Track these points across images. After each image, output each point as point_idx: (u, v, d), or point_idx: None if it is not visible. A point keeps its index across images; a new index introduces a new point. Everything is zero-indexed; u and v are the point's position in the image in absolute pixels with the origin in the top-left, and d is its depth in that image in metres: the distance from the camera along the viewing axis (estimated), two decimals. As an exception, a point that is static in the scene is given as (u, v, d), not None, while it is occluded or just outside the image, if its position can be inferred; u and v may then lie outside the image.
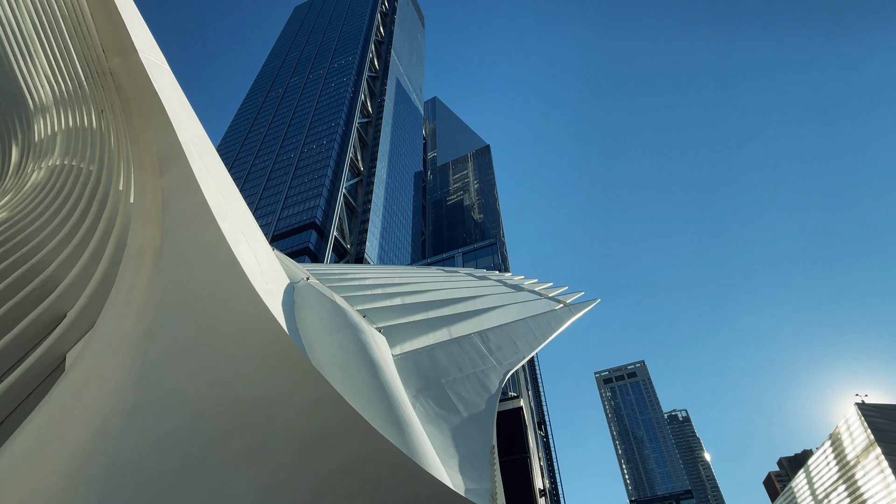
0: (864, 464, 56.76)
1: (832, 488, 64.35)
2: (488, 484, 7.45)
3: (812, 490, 70.49)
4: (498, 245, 75.47)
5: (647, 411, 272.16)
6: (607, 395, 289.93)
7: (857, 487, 58.49)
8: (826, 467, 66.31)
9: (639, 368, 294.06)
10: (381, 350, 8.88)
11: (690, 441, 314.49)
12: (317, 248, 73.31)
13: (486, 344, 13.53)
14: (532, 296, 25.05)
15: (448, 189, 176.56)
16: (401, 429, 5.83)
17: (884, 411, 57.08)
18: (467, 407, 10.18)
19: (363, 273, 19.05)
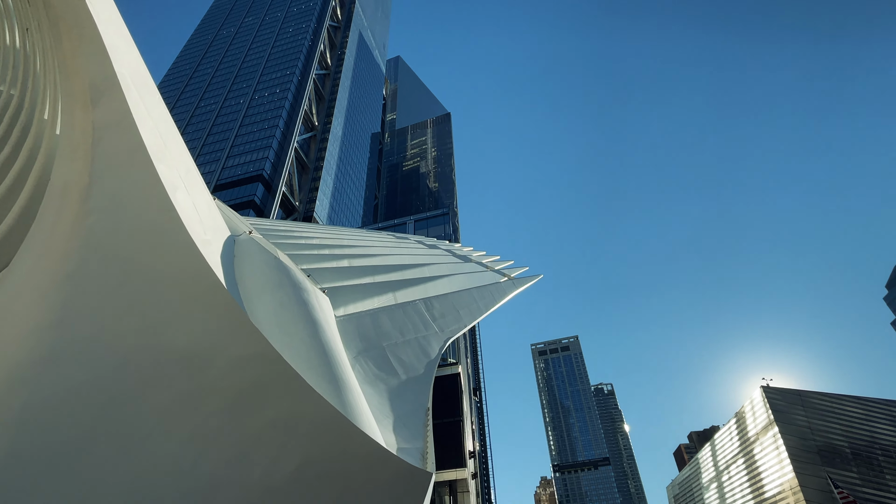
0: (762, 440, 63.03)
1: (733, 461, 71.22)
2: (420, 444, 7.67)
3: (715, 462, 77.76)
4: (450, 215, 75.70)
5: (576, 383, 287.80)
6: (541, 366, 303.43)
7: (754, 461, 65.07)
8: (729, 442, 73.12)
9: (572, 343, 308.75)
10: (324, 310, 8.79)
11: (612, 413, 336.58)
12: (263, 202, 70.61)
13: (431, 311, 13.70)
14: (479, 268, 25.47)
15: (405, 154, 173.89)
16: (337, 388, 5.84)
17: (784, 394, 63.31)
18: (406, 370, 10.35)
19: (311, 232, 18.60)
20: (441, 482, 23.40)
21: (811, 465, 55.41)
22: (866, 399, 63.91)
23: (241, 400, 4.56)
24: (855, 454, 57.59)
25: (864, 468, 56.25)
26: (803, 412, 61.60)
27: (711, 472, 79.24)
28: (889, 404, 63.15)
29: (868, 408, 62.61)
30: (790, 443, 58.11)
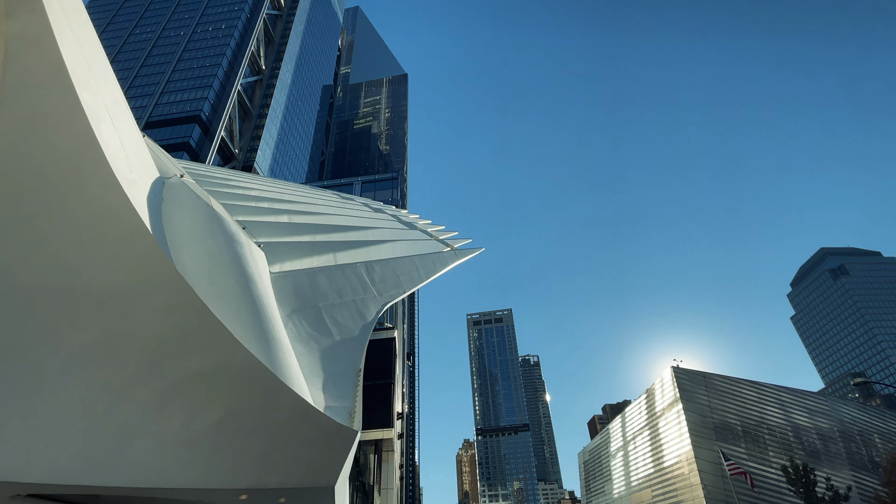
0: (667, 415, 68.87)
1: (639, 432, 77.52)
2: (349, 403, 7.76)
3: (624, 432, 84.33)
4: (399, 180, 74.60)
5: (506, 353, 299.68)
6: (474, 335, 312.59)
7: (658, 433, 71.17)
8: (638, 415, 79.35)
9: (505, 315, 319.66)
10: (258, 265, 8.51)
11: (536, 383, 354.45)
12: (198, 146, 66.24)
13: (371, 275, 13.64)
14: (423, 236, 25.52)
15: (357, 112, 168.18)
16: (267, 344, 5.75)
17: (690, 375, 69.23)
18: (341, 332, 10.32)
19: (249, 183, 17.76)
20: (367, 441, 23.87)
21: (706, 439, 61.44)
22: (760, 384, 71.18)
23: (163, 349, 4.39)
24: (745, 431, 64.39)
25: (751, 444, 63.11)
26: (705, 392, 67.75)
27: (619, 442, 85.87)
28: (779, 389, 70.71)
29: (761, 391, 69.84)
30: (691, 419, 63.90)
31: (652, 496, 69.26)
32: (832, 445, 65.94)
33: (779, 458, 56.99)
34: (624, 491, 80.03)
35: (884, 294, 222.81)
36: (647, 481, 71.96)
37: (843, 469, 62.04)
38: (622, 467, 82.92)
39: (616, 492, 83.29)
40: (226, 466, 5.15)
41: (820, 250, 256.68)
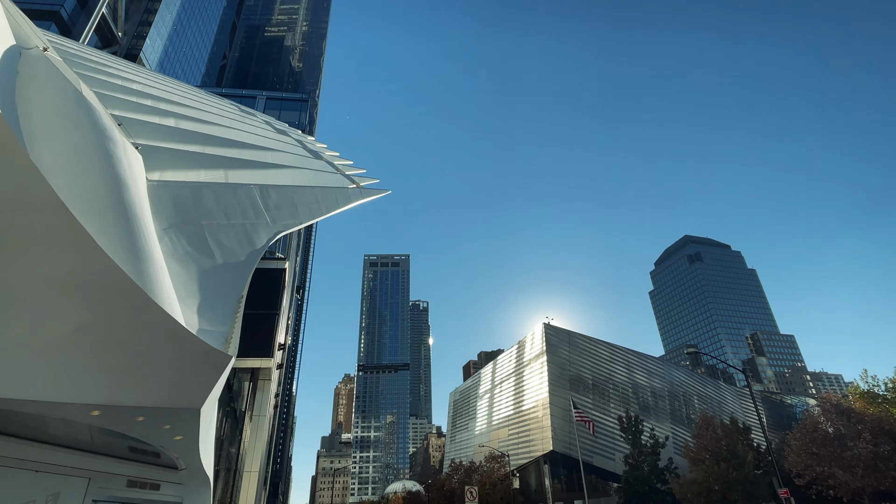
0: (532, 366, 75.98)
1: (507, 378, 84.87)
2: (226, 329, 7.50)
3: (493, 377, 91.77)
4: (310, 104, 69.74)
5: (398, 297, 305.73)
6: (369, 276, 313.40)
7: (522, 381, 78.52)
8: (508, 363, 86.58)
9: (403, 260, 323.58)
10: (132, 168, 7.63)
11: (422, 327, 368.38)
12: (72, 20, 55.87)
13: (265, 199, 12.90)
14: (328, 167, 24.49)
15: (271, 17, 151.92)
16: (135, 255, 5.27)
17: (558, 332, 76.64)
18: (225, 255, 9.77)
19: (132, 74, 15.49)
20: (244, 368, 23.38)
21: (562, 388, 69.18)
22: (614, 346, 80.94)
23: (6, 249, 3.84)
24: (594, 385, 73.44)
25: (597, 396, 72.31)
26: (568, 348, 75.56)
27: (488, 385, 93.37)
28: (628, 352, 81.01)
29: (613, 352, 79.55)
30: (552, 370, 71.18)
31: (508, 434, 77.09)
32: (661, 402, 77.86)
33: (617, 409, 66.13)
34: (485, 428, 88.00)
35: (725, 282, 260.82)
36: (507, 421, 79.75)
37: (665, 422, 73.86)
38: (487, 408, 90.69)
39: (478, 429, 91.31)
40: (76, 380, 4.78)
41: (684, 237, 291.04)
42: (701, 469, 38.57)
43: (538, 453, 66.86)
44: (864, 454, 28.47)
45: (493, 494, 59.27)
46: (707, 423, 41.56)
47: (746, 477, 36.74)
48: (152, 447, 7.42)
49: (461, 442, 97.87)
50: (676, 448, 59.98)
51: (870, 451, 28.37)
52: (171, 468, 10.20)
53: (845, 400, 35.24)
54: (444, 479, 75.48)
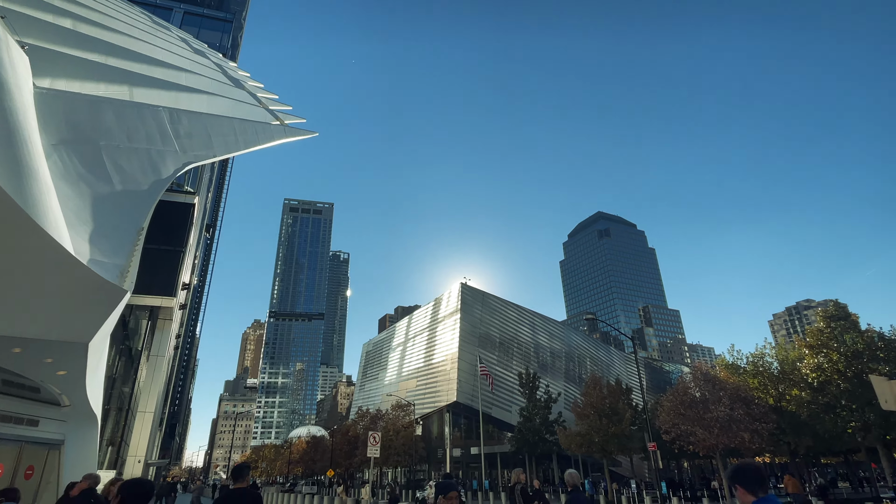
0: (446, 322, 78.49)
1: (420, 333, 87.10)
2: (122, 261, 6.96)
3: (407, 331, 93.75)
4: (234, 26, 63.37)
5: (318, 246, 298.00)
6: (289, 221, 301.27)
7: (435, 336, 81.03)
8: (423, 318, 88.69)
9: (326, 208, 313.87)
10: (16, 70, 6.63)
11: (341, 278, 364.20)
12: None
13: (176, 125, 11.82)
14: (250, 99, 22.77)
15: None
16: (17, 171, 4.65)
17: (473, 292, 79.44)
18: (125, 181, 8.93)
19: (17, -44, 13.16)
20: (142, 306, 21.91)
21: (471, 345, 72.46)
22: (523, 308, 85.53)
23: None
24: (501, 343, 77.60)
25: (502, 354, 76.59)
26: (481, 307, 78.75)
27: (402, 338, 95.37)
28: (534, 315, 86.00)
29: (521, 313, 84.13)
30: (464, 327, 74.05)
31: (416, 385, 79.91)
32: (558, 362, 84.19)
33: (519, 367, 70.62)
34: (395, 379, 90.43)
35: (628, 258, 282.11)
36: (416, 373, 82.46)
37: (559, 380, 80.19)
38: (398, 359, 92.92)
39: (388, 379, 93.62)
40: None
41: (597, 213, 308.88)
42: (585, 423, 42.70)
43: (443, 404, 70.19)
44: (721, 416, 32.96)
45: (395, 440, 61.70)
46: (595, 383, 45.74)
47: (623, 432, 41.32)
48: (31, 381, 6.87)
49: (370, 391, 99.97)
50: (567, 404, 65.57)
51: (726, 414, 32.90)
52: (53, 404, 9.54)
53: (713, 370, 40.28)
54: (349, 426, 77.13)
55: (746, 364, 38.63)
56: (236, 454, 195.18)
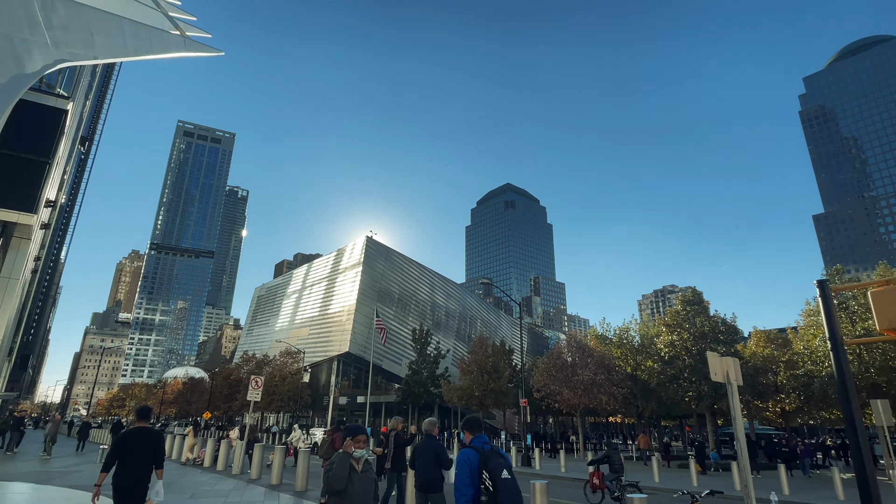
0: (347, 274, 77.71)
1: (319, 282, 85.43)
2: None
3: (305, 279, 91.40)
4: None
5: (213, 178, 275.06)
6: (181, 146, 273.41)
7: (334, 286, 79.97)
8: (324, 267, 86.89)
9: (226, 138, 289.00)
10: None
11: (237, 216, 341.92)
12: None
13: (48, 13, 10.15)
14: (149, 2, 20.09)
15: None
16: None
17: (378, 247, 79.25)
18: (-23, 68, 7.64)
19: None
20: (-10, 218, 19.01)
21: (370, 298, 72.75)
22: (425, 267, 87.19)
23: None
24: (399, 299, 78.83)
25: (399, 309, 77.97)
26: (384, 262, 78.96)
27: (298, 286, 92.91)
28: (434, 274, 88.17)
29: (422, 272, 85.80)
30: (364, 280, 73.95)
31: (308, 334, 78.96)
32: (451, 321, 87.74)
33: (414, 323, 72.57)
34: (287, 326, 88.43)
35: (528, 230, 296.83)
36: (310, 322, 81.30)
37: (450, 338, 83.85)
38: (293, 307, 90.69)
39: (279, 325, 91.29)
40: None
41: (506, 184, 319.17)
42: (468, 378, 45.51)
43: (334, 353, 70.34)
44: (585, 380, 36.87)
45: (281, 386, 61.01)
46: (482, 343, 48.63)
47: (501, 388, 44.71)
48: None
49: (259, 336, 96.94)
50: (454, 360, 69.04)
51: (590, 378, 36.86)
52: None
53: (585, 338, 44.58)
54: (232, 369, 74.59)
55: (613, 336, 43.28)
56: (101, 391, 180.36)
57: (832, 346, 6.96)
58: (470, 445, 4.41)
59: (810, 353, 31.74)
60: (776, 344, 41.09)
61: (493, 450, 4.39)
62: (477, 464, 4.23)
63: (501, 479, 4.11)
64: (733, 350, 33.98)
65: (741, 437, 8.51)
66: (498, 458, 4.29)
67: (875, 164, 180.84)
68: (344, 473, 4.44)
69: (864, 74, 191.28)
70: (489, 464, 4.20)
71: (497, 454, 4.31)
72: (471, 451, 4.32)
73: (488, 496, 4.07)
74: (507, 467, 4.28)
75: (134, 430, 6.71)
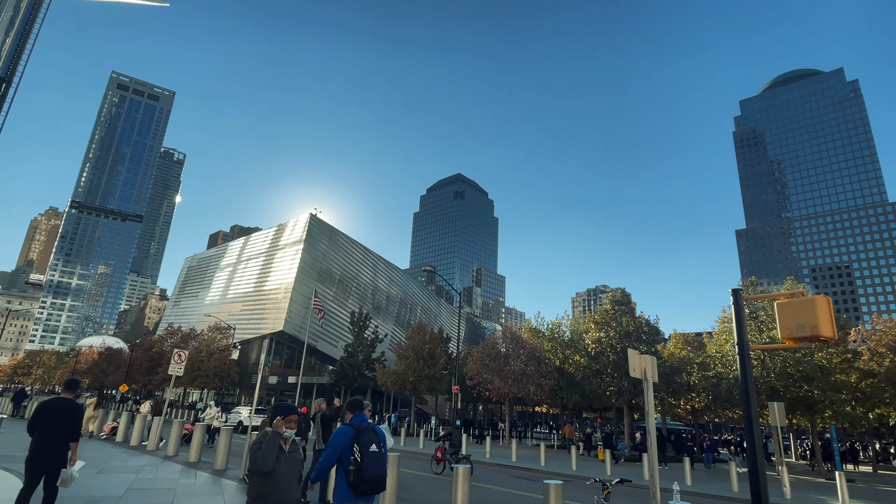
0: (287, 250, 75.37)
1: (256, 256, 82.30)
2: None
3: (241, 252, 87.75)
4: None
5: (148, 137, 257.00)
6: (114, 100, 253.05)
7: (272, 262, 77.37)
8: (262, 242, 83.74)
9: (166, 96, 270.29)
10: None
11: (172, 180, 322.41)
12: None
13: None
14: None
15: None
16: None
17: (322, 225, 77.28)
18: None
19: None
20: None
21: (309, 278, 70.98)
22: (368, 250, 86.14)
23: None
24: (340, 280, 77.46)
25: (339, 291, 76.64)
26: (327, 242, 77.20)
27: (234, 259, 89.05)
28: (378, 258, 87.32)
29: (365, 254, 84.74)
30: (305, 258, 72.04)
31: (241, 309, 76.07)
32: (391, 306, 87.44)
33: (354, 305, 71.69)
34: (218, 300, 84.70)
35: (474, 222, 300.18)
36: (244, 297, 78.31)
37: (389, 322, 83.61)
38: (226, 280, 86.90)
39: (210, 299, 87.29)
40: None
41: (457, 174, 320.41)
42: (404, 363, 45.61)
43: (267, 331, 68.24)
44: (516, 370, 38.02)
45: (207, 362, 58.57)
46: (420, 329, 48.82)
47: (435, 374, 45.19)
48: None
49: (187, 308, 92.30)
50: (392, 345, 68.99)
51: (521, 369, 38.05)
52: None
53: (519, 331, 45.86)
54: (155, 341, 70.75)
55: (546, 330, 44.82)
56: (4, 357, 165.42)
57: (739, 350, 7.51)
58: (349, 423, 5.05)
59: (721, 356, 34.30)
60: (693, 346, 44.12)
61: (368, 427, 5.02)
62: (350, 438, 4.86)
63: (369, 452, 4.80)
64: (654, 350, 36.13)
65: (652, 430, 9.07)
66: (370, 434, 4.94)
67: (794, 188, 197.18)
68: (273, 454, 4.34)
69: (793, 104, 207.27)
70: (361, 438, 4.85)
71: (371, 431, 4.99)
72: (347, 428, 4.97)
73: (356, 465, 4.73)
74: (377, 442, 4.95)
75: (55, 399, 6.65)
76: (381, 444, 4.97)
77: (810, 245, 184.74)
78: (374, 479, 4.71)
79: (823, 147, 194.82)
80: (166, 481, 11.59)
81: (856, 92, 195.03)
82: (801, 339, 7.23)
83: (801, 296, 7.58)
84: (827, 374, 29.06)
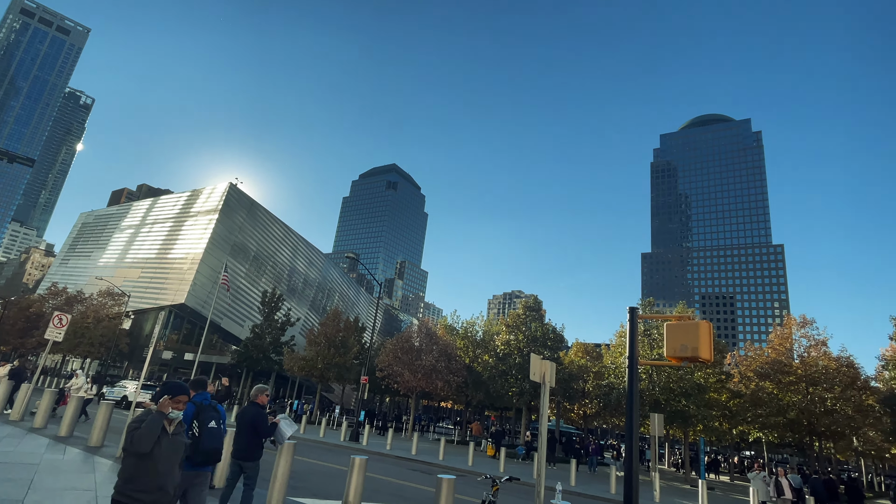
0: (200, 218, 70.46)
1: (164, 221, 76.17)
2: None
3: (146, 214, 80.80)
4: None
5: (51, 73, 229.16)
6: (15, 25, 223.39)
7: (181, 228, 71.93)
8: (173, 206, 77.66)
9: (78, 32, 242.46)
10: None
11: (74, 125, 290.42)
12: None
13: None
14: None
15: None
16: None
17: (242, 197, 73.28)
18: None
19: None
20: None
21: (220, 250, 66.91)
22: (290, 229, 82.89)
23: None
24: (256, 257, 73.81)
25: (253, 268, 73.01)
26: (245, 215, 73.22)
27: (137, 221, 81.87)
28: (299, 238, 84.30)
29: (286, 233, 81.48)
30: (218, 230, 67.83)
31: (139, 276, 70.14)
32: (308, 290, 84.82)
33: (267, 285, 68.66)
34: (113, 263, 77.48)
35: (404, 215, 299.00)
36: (144, 263, 72.26)
37: (304, 306, 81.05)
38: (125, 243, 79.69)
39: (104, 261, 79.62)
40: None
41: (392, 164, 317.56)
42: (314, 349, 44.44)
43: (167, 303, 63.48)
44: (427, 365, 38.44)
45: (94, 330, 53.54)
46: (335, 316, 47.83)
47: (346, 363, 44.50)
48: None
49: (76, 269, 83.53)
50: (303, 330, 67.10)
51: (432, 364, 38.52)
52: None
53: (435, 327, 46.39)
54: (34, 300, 63.45)
55: (460, 328, 45.74)
56: None
57: (629, 363, 8.14)
58: (191, 400, 5.46)
59: (615, 367, 36.90)
60: (591, 356, 47.07)
61: (209, 405, 5.59)
62: (191, 415, 5.38)
63: (207, 428, 5.38)
64: (556, 356, 38.11)
65: (544, 432, 9.57)
66: (211, 412, 5.54)
67: (696, 220, 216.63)
68: (153, 434, 4.00)
69: (705, 144, 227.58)
70: (201, 415, 5.43)
71: (212, 409, 5.60)
72: (189, 405, 5.42)
73: (194, 440, 5.25)
74: (217, 419, 5.54)
75: None
76: (220, 420, 5.60)
77: (703, 274, 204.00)
78: (210, 451, 5.31)
79: (725, 187, 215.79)
80: (29, 455, 10.45)
81: (758, 142, 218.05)
82: (683, 359, 7.99)
83: (688, 319, 8.39)
84: (702, 392, 32.24)
